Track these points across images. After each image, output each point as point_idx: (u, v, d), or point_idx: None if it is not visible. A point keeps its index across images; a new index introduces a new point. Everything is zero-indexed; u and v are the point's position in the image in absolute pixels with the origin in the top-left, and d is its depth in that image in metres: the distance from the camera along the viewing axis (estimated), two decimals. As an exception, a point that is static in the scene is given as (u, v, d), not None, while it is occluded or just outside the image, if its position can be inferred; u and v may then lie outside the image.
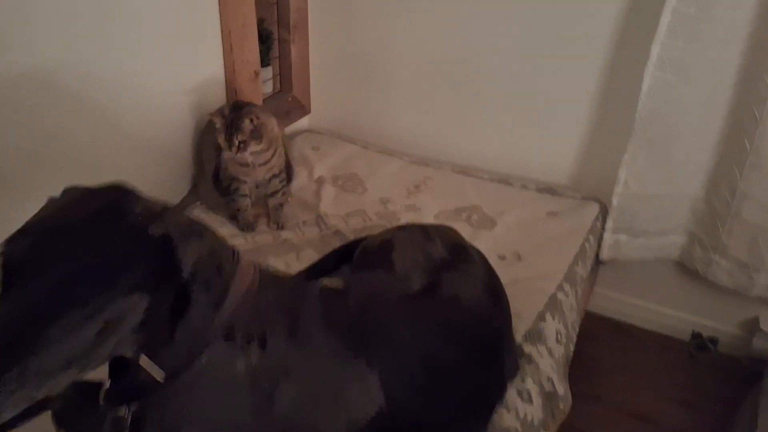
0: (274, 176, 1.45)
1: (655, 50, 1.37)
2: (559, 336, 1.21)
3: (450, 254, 1.12)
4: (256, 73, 1.67)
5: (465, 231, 1.45)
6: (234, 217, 1.47)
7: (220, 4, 1.54)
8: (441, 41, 1.74)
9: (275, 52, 1.87)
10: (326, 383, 0.83)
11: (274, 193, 1.47)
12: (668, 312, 1.79)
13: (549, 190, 1.67)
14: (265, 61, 1.82)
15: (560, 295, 1.26)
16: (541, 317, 1.19)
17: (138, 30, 1.35)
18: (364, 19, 1.82)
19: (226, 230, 1.43)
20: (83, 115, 1.27)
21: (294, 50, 1.86)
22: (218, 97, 1.61)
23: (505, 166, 1.78)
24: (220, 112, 1.34)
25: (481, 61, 1.71)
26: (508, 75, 1.69)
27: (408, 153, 1.87)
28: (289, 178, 1.53)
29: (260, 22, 1.78)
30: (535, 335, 1.15)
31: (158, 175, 1.51)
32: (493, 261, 1.32)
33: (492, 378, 1.00)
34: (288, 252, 1.37)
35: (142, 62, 1.38)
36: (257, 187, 1.46)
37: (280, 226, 1.46)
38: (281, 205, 1.49)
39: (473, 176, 1.73)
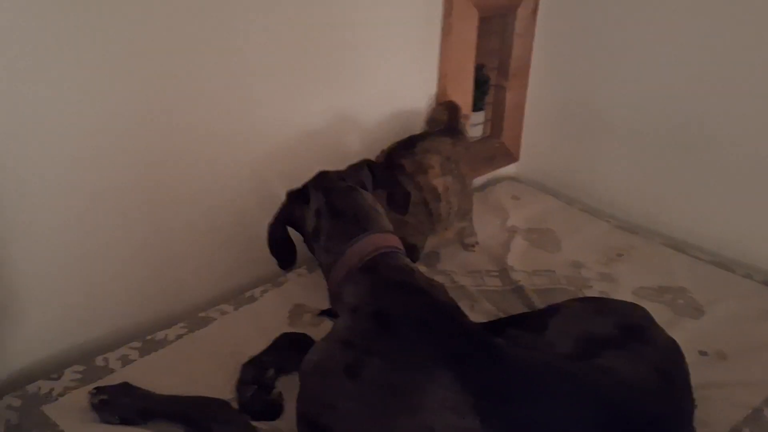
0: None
1: None
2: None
3: (620, 333, 1.01)
4: (465, 117, 1.67)
5: (664, 315, 1.28)
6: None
7: (441, 47, 1.58)
8: (671, 101, 1.57)
9: (490, 97, 1.87)
10: (404, 378, 0.87)
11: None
12: None
13: (778, 284, 1.40)
14: (478, 106, 1.82)
15: (767, 412, 1.05)
16: (735, 432, 1.00)
17: (361, 59, 1.43)
18: (588, 73, 1.73)
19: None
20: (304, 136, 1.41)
21: (509, 97, 1.83)
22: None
23: (728, 249, 1.54)
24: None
25: (717, 126, 1.51)
26: (749, 143, 1.46)
27: (615, 216, 1.72)
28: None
29: (479, 68, 1.79)
30: (725, 452, 0.96)
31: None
32: (691, 356, 1.15)
33: None
34: (461, 299, 1.32)
35: (358, 92, 1.47)
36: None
37: None
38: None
39: (687, 254, 1.52)
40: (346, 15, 1.36)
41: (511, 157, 1.93)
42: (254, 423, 0.99)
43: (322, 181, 1.16)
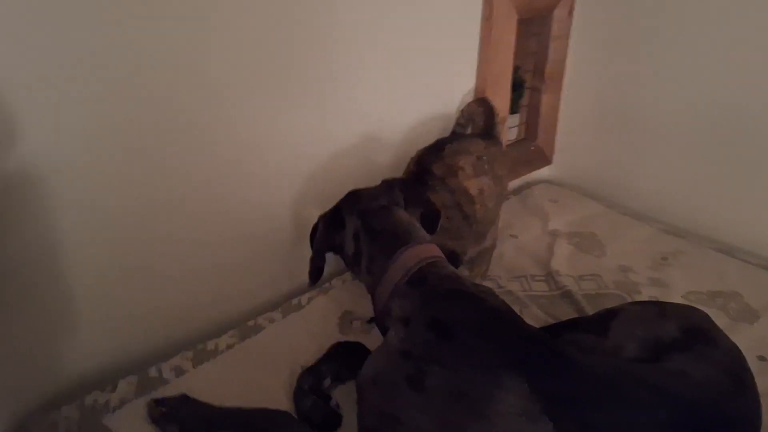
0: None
1: None
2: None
3: (684, 336, 0.99)
4: (503, 120, 1.66)
5: (719, 320, 1.23)
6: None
7: (480, 50, 1.57)
8: (715, 101, 1.55)
9: (525, 100, 1.85)
10: (471, 385, 0.85)
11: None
12: None
13: (835, 288, 1.37)
14: (513, 108, 1.80)
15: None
16: (808, 442, 0.97)
17: (400, 64, 1.41)
18: (624, 75, 1.71)
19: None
20: (352, 144, 1.40)
21: (545, 100, 1.82)
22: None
23: (779, 252, 1.52)
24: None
25: (763, 127, 1.48)
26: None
27: (657, 219, 1.70)
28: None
29: (515, 70, 1.77)
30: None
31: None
32: (750, 361, 1.12)
33: None
34: (510, 304, 1.31)
35: (397, 97, 1.45)
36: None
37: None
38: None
39: (736, 258, 1.50)
40: (386, 22, 1.34)
41: (544, 159, 1.92)
42: (316, 434, 0.98)
43: (355, 203, 1.14)
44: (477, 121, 1.49)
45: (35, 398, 1.06)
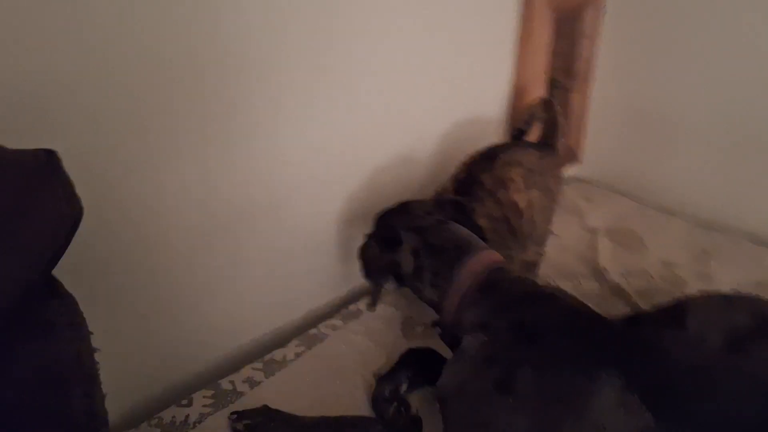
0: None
1: None
2: None
3: (760, 323, 0.98)
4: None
5: (772, 310, 1.28)
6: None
7: (518, 52, 1.58)
8: (744, 99, 1.57)
9: (555, 98, 1.86)
10: (565, 384, 0.85)
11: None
12: None
13: None
14: (544, 108, 1.81)
15: None
16: None
17: (437, 68, 1.41)
18: (654, 72, 1.72)
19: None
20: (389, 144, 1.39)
21: (576, 99, 1.83)
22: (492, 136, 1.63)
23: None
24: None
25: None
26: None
27: (689, 214, 1.72)
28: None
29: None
30: None
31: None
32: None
33: None
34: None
35: (433, 101, 1.44)
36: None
37: None
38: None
39: (774, 248, 1.53)
40: (424, 29, 1.34)
41: (574, 158, 1.93)
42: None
43: (410, 219, 1.14)
44: (538, 124, 1.47)
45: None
